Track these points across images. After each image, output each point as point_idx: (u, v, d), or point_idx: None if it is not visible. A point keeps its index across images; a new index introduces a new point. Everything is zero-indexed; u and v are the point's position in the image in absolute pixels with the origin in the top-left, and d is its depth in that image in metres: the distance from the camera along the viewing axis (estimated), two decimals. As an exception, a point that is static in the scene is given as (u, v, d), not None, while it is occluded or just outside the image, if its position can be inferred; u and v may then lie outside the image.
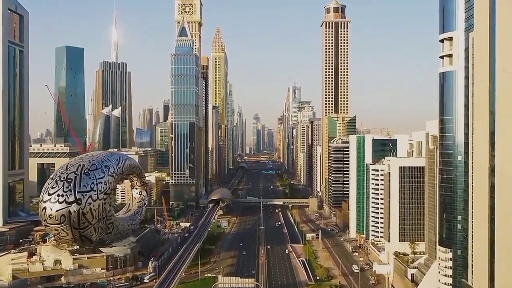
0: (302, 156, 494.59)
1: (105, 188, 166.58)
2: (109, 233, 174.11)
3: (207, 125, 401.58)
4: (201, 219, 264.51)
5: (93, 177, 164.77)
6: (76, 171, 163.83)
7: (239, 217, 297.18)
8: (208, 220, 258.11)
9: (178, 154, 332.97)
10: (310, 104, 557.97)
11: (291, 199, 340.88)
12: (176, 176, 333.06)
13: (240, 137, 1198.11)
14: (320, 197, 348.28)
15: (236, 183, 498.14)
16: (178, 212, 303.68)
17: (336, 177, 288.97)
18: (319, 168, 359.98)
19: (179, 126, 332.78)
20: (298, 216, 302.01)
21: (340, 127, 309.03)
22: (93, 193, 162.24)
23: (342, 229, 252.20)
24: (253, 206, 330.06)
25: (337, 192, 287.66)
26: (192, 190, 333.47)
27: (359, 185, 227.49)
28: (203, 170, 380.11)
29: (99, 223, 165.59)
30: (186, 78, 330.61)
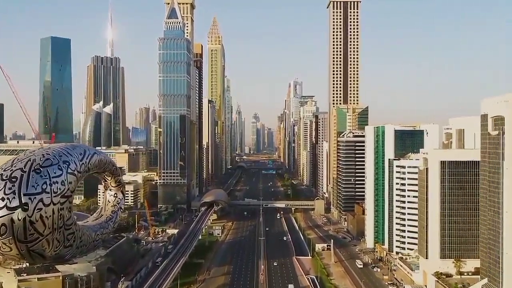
0: (305, 154, 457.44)
1: (62, 189, 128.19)
2: (68, 247, 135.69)
3: (201, 120, 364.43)
4: (191, 225, 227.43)
5: (45, 176, 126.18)
6: (24, 167, 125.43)
7: (235, 222, 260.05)
8: (198, 226, 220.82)
9: (167, 150, 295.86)
10: (313, 99, 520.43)
11: (294, 201, 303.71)
12: (165, 175, 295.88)
13: (239, 136, 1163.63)
14: (327, 199, 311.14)
15: (234, 184, 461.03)
16: (166, 216, 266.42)
17: (346, 176, 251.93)
18: (325, 167, 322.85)
19: (168, 119, 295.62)
20: (303, 221, 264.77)
21: (351, 120, 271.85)
22: (45, 196, 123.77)
23: (355, 237, 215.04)
24: (251, 209, 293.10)
25: (348, 194, 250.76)
26: (183, 191, 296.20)
27: (378, 185, 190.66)
28: (197, 169, 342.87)
29: (55, 234, 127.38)
30: (176, 65, 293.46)
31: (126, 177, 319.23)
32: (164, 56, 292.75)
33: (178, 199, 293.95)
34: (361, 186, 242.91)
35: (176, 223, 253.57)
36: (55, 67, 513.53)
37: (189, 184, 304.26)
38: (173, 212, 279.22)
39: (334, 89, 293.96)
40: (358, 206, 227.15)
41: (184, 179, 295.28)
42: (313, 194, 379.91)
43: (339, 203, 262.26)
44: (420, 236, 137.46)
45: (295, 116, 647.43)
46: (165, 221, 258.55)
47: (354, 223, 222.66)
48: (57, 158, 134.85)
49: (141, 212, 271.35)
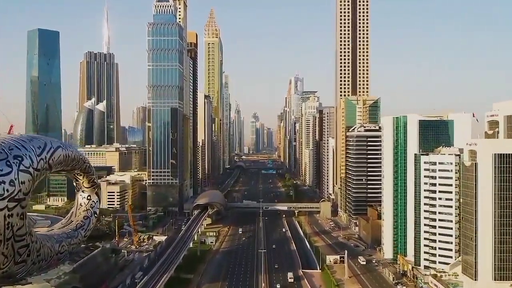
0: (308, 153, 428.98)
1: (10, 191, 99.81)
2: (21, 262, 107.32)
3: (195, 115, 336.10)
4: (181, 231, 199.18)
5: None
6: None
7: (232, 227, 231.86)
8: (189, 232, 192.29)
9: (157, 147, 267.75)
10: (316, 94, 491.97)
11: (298, 204, 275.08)
12: (154, 175, 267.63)
13: (238, 135, 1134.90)
14: (333, 200, 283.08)
15: (232, 184, 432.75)
16: (155, 221, 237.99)
17: (357, 176, 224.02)
18: (331, 166, 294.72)
19: (157, 112, 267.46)
20: (308, 226, 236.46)
21: (361, 112, 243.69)
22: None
23: (370, 245, 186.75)
24: (250, 212, 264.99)
25: (359, 195, 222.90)
26: (174, 193, 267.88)
27: (398, 185, 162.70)
28: (191, 168, 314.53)
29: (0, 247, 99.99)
30: (166, 52, 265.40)
31: (112, 177, 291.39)
32: (154, 43, 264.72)
33: (169, 201, 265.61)
34: (374, 186, 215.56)
35: (166, 228, 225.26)
36: (43, 61, 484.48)
37: (181, 184, 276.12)
38: (163, 215, 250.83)
39: (342, 79, 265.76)
40: (372, 209, 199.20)
41: (175, 179, 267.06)
42: (317, 195, 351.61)
43: (349, 205, 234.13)
44: (466, 251, 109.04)
45: (296, 113, 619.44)
46: (153, 226, 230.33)
47: (367, 229, 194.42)
48: (5, 151, 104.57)
49: (126, 216, 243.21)
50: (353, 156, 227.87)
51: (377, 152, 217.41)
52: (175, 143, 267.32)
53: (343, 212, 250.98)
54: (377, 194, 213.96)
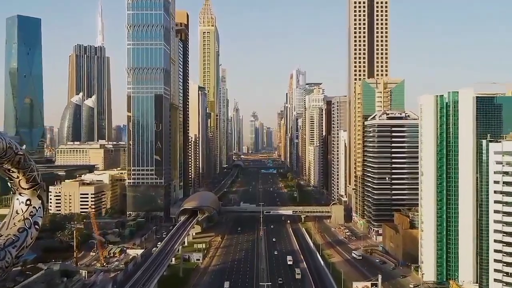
0: (312, 150, 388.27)
1: None
2: None
3: (186, 105, 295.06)
4: (163, 243, 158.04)
5: None
6: None
7: (226, 237, 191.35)
8: (170, 245, 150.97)
9: (139, 141, 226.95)
10: (321, 86, 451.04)
11: (305, 207, 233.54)
12: (136, 174, 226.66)
13: (236, 134, 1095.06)
14: (346, 203, 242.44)
15: (229, 184, 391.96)
16: (133, 229, 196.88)
17: (379, 174, 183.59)
18: (342, 162, 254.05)
19: (138, 100, 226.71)
20: (318, 235, 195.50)
21: (381, 98, 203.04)
22: None
23: (402, 262, 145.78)
24: (249, 217, 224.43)
25: (382, 197, 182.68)
26: (159, 194, 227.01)
27: (444, 185, 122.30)
28: (180, 166, 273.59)
29: None
30: (149, 29, 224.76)
31: (87, 177, 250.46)
32: (134, 17, 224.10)
33: (153, 204, 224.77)
34: (400, 186, 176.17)
35: (146, 238, 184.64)
36: (23, 51, 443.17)
37: (168, 185, 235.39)
38: (143, 222, 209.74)
39: (356, 61, 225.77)
40: (401, 215, 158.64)
41: (160, 178, 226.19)
42: (325, 197, 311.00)
43: (368, 210, 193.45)
44: None
45: (298, 109, 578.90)
46: (130, 235, 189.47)
47: (397, 241, 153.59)
48: None
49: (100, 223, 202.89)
50: (373, 150, 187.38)
51: (404, 144, 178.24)
52: (160, 136, 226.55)
53: (359, 218, 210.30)
54: (405, 196, 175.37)
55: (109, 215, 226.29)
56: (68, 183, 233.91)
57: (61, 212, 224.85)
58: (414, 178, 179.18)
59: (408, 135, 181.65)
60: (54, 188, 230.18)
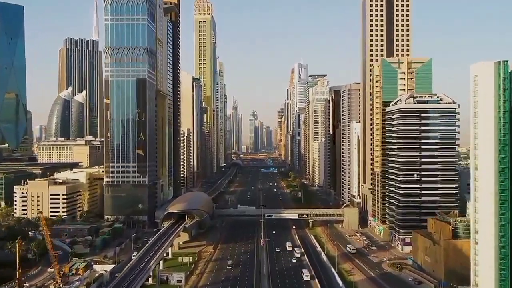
0: (317, 147, 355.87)
1: None
2: None
3: (177, 95, 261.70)
4: (139, 256, 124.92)
5: None
6: None
7: (220, 247, 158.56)
8: (145, 262, 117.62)
9: (118, 133, 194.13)
10: (325, 78, 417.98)
11: (313, 210, 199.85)
12: (114, 171, 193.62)
13: (235, 133, 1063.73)
14: (360, 205, 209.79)
15: (226, 184, 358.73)
16: (107, 236, 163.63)
17: (405, 170, 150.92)
18: (355, 158, 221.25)
19: (118, 84, 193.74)
20: (330, 243, 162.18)
21: (405, 81, 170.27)
22: None
23: (445, 283, 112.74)
24: (248, 222, 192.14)
25: (410, 199, 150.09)
26: (142, 195, 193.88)
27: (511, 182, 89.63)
28: (170, 163, 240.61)
29: None
30: (131, 2, 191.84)
31: (61, 175, 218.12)
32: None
33: (134, 207, 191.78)
34: (432, 185, 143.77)
35: (121, 248, 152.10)
36: (3, 41, 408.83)
37: (153, 184, 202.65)
38: (120, 228, 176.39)
39: (373, 39, 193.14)
40: (438, 222, 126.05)
41: (144, 176, 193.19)
42: (332, 198, 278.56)
43: (390, 213, 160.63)
44: None
45: (300, 104, 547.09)
46: (103, 245, 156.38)
47: (435, 254, 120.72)
48: None
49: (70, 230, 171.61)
50: (397, 142, 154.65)
51: (437, 134, 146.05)
52: (144, 127, 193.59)
53: (377, 223, 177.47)
54: (438, 197, 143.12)
55: (84, 219, 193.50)
56: (35, 182, 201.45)
57: (28, 216, 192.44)
58: (448, 175, 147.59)
59: (441, 123, 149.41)
60: (20, 188, 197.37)
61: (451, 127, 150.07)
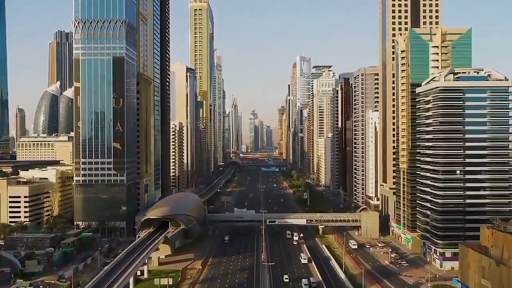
0: (323, 143, 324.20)
1: None
2: None
3: (166, 82, 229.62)
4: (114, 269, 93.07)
5: None
6: None
7: (211, 262, 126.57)
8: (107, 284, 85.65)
9: (90, 124, 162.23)
10: (330, 69, 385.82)
11: (324, 214, 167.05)
12: (86, 168, 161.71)
13: (235, 132, 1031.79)
14: (377, 208, 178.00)
15: (223, 184, 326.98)
16: (68, 249, 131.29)
17: (445, 165, 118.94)
18: (371, 153, 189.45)
19: (90, 65, 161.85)
20: (347, 257, 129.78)
21: (438, 56, 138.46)
22: None
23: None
24: (246, 228, 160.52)
25: (451, 202, 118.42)
26: (119, 197, 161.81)
27: None
28: (157, 159, 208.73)
29: None
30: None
31: (27, 173, 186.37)
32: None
33: (111, 211, 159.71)
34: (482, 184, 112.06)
35: (87, 264, 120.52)
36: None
37: (133, 183, 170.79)
38: (88, 238, 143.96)
39: (395, 9, 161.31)
40: (503, 235, 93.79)
41: (121, 174, 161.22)
42: (342, 199, 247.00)
43: (423, 220, 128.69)
44: None
45: (303, 100, 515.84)
46: (63, 260, 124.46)
47: (500, 278, 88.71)
48: None
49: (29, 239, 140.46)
50: (433, 130, 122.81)
51: (485, 119, 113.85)
52: (121, 115, 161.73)
53: (404, 230, 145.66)
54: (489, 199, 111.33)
55: (50, 226, 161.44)
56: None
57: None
58: (499, 171, 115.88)
59: (491, 105, 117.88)
60: None
61: (503, 111, 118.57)
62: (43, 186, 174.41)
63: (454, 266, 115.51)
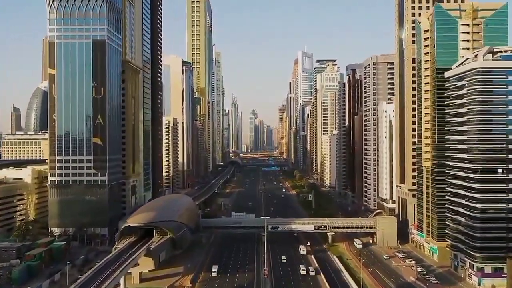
0: (327, 140, 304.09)
1: None
2: None
3: (156, 72, 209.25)
4: None
5: None
6: None
7: (202, 278, 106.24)
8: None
9: (67, 116, 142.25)
10: (335, 63, 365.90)
11: (334, 219, 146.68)
12: (62, 167, 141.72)
13: (235, 132, 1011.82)
14: (393, 212, 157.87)
15: (221, 185, 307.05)
16: (34, 262, 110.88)
17: (483, 164, 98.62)
18: (385, 150, 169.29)
19: (67, 49, 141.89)
20: (364, 271, 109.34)
21: (469, 35, 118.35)
22: None
23: None
24: (245, 235, 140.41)
25: (492, 207, 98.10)
26: (101, 199, 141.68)
27: None
28: (147, 158, 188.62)
29: None
30: None
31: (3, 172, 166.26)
32: None
33: (93, 214, 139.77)
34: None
35: (52, 283, 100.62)
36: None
37: (117, 184, 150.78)
38: (60, 248, 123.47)
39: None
40: None
41: (103, 174, 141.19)
42: (350, 201, 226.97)
43: (453, 227, 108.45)
44: None
45: (304, 96, 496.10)
46: (25, 277, 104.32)
47: None
48: None
49: None
50: (468, 120, 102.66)
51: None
52: (102, 107, 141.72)
53: (428, 238, 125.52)
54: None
55: (21, 233, 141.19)
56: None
57: None
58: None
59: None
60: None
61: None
62: (16, 187, 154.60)
63: (495, 284, 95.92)
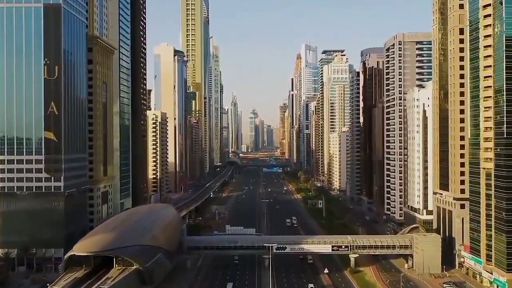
0: (337, 138, 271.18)
1: None
2: None
3: (139, 56, 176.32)
4: None
5: None
6: None
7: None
8: None
9: (10, 104, 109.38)
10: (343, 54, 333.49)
11: (356, 237, 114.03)
12: (5, 170, 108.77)
13: (235, 131, 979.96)
14: (430, 225, 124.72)
15: (217, 188, 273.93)
16: None
17: None
18: (416, 149, 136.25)
19: (10, 14, 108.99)
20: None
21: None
22: None
23: None
24: (242, 260, 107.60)
25: None
26: (55, 212, 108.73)
27: None
28: (125, 158, 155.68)
29: None
30: None
31: None
32: None
33: (45, 231, 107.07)
34: None
35: None
36: None
37: (78, 192, 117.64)
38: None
39: None
40: None
41: (57, 178, 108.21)
42: (366, 209, 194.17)
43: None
44: None
45: (308, 93, 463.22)
46: None
47: None
48: None
49: None
50: None
51: None
52: (56, 91, 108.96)
53: (491, 266, 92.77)
54: None
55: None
56: None
57: None
58: None
59: None
60: None
61: None
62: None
63: None
